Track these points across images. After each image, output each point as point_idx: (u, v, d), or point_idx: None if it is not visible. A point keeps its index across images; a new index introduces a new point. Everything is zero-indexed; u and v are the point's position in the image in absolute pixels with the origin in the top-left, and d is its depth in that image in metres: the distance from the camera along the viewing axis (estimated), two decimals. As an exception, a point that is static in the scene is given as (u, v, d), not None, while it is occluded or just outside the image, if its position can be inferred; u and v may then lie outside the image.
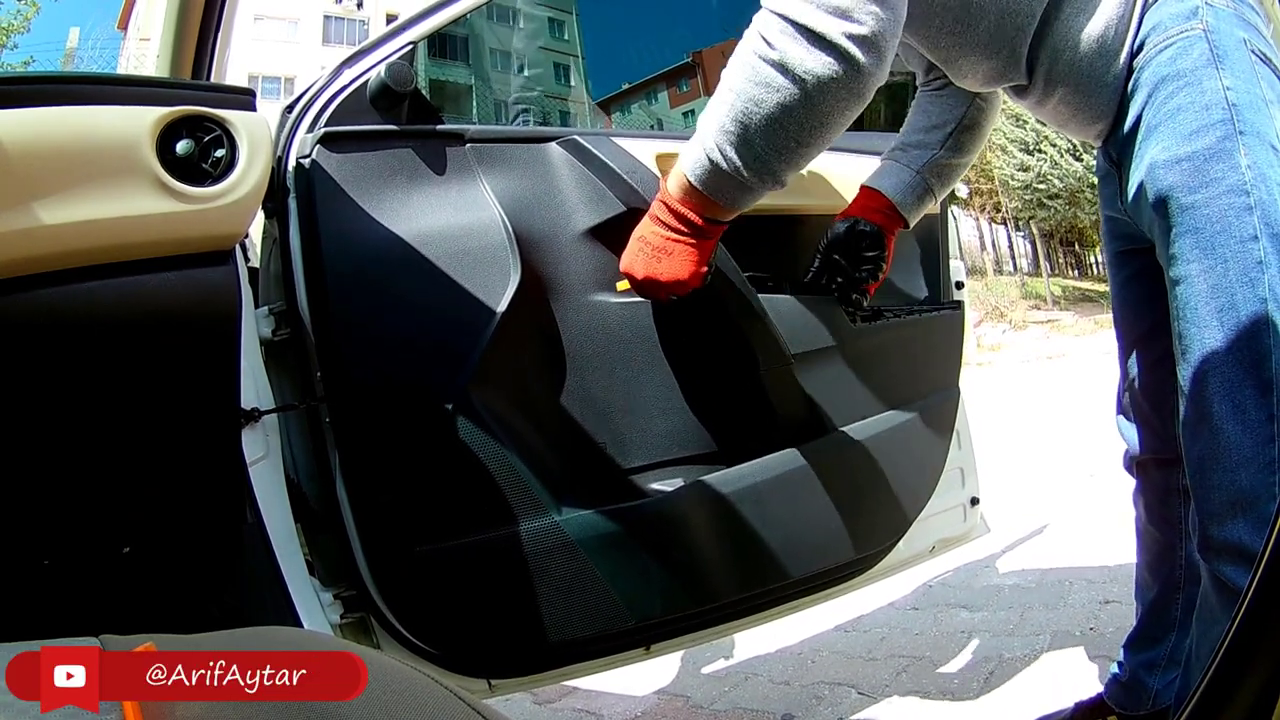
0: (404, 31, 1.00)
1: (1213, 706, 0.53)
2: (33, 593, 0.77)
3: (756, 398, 1.10)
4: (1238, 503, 0.78)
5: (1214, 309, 0.78)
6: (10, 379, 0.73)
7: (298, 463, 1.00)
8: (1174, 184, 0.80)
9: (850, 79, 0.75)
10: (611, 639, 1.04)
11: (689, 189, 0.86)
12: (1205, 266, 0.78)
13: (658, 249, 0.90)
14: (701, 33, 1.57)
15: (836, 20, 0.74)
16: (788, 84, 0.75)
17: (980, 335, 13.89)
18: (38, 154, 0.71)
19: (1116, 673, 1.17)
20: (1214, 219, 0.78)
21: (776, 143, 0.79)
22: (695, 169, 0.84)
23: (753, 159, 0.80)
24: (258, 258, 1.06)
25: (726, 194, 0.84)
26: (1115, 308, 1.09)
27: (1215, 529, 0.80)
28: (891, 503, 1.24)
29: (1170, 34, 0.81)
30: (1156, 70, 0.82)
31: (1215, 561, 0.81)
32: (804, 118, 0.77)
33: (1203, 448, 0.81)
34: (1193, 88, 0.79)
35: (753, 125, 0.78)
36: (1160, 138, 0.81)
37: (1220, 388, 0.78)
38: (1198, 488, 0.83)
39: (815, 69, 0.75)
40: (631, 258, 0.93)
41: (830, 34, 0.74)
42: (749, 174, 0.81)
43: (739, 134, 0.79)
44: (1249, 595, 0.53)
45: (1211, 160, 0.78)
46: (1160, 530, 1.10)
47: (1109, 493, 2.54)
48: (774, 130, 0.78)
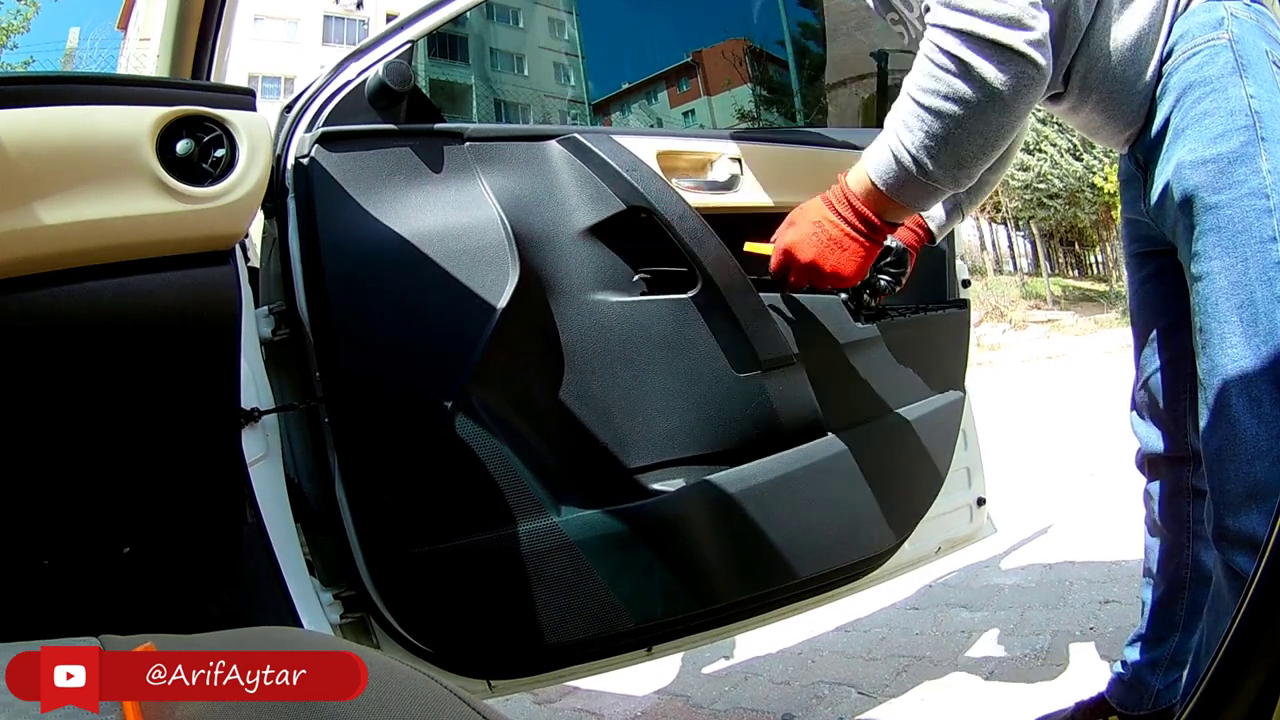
0: (402, 30, 1.00)
1: (1220, 695, 0.53)
2: (33, 593, 0.77)
3: (758, 398, 1.10)
4: (1253, 494, 0.81)
5: (1233, 305, 0.82)
6: (10, 379, 0.73)
7: (298, 463, 1.00)
8: (1199, 184, 0.83)
9: (1038, 81, 0.80)
10: (612, 640, 1.04)
11: (873, 191, 0.89)
12: (1226, 264, 0.82)
13: (834, 240, 0.93)
14: (702, 33, 1.57)
15: (1015, 31, 0.77)
16: (984, 97, 0.79)
17: (980, 335, 13.88)
18: (38, 154, 0.70)
19: (1119, 672, 1.17)
20: (1236, 219, 0.81)
21: (975, 149, 0.83)
22: (885, 175, 0.87)
23: (953, 166, 0.84)
24: (258, 258, 1.06)
25: (914, 198, 0.88)
26: (1132, 308, 1.12)
27: (1230, 519, 0.83)
28: (897, 503, 1.23)
29: (1197, 42, 0.85)
30: (1184, 76, 0.86)
31: (1230, 552, 0.84)
32: (1000, 123, 0.81)
33: (1220, 440, 0.84)
34: (1219, 94, 0.83)
35: (953, 138, 0.81)
36: (1187, 140, 0.85)
37: (1238, 382, 0.82)
38: (1214, 479, 0.85)
39: (1008, 79, 0.78)
40: (802, 239, 0.95)
41: (1015, 45, 0.77)
42: (946, 181, 0.85)
43: (938, 146, 0.82)
44: (1253, 585, 0.53)
45: (1235, 163, 0.82)
46: (1169, 529, 1.10)
47: (1109, 492, 2.54)
48: (974, 139, 0.82)
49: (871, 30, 1.59)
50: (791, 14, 1.63)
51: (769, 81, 1.65)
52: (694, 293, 1.07)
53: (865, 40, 1.58)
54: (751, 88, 1.63)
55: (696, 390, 1.08)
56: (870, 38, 1.57)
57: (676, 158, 1.13)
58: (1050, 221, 18.20)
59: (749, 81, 1.62)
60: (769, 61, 1.64)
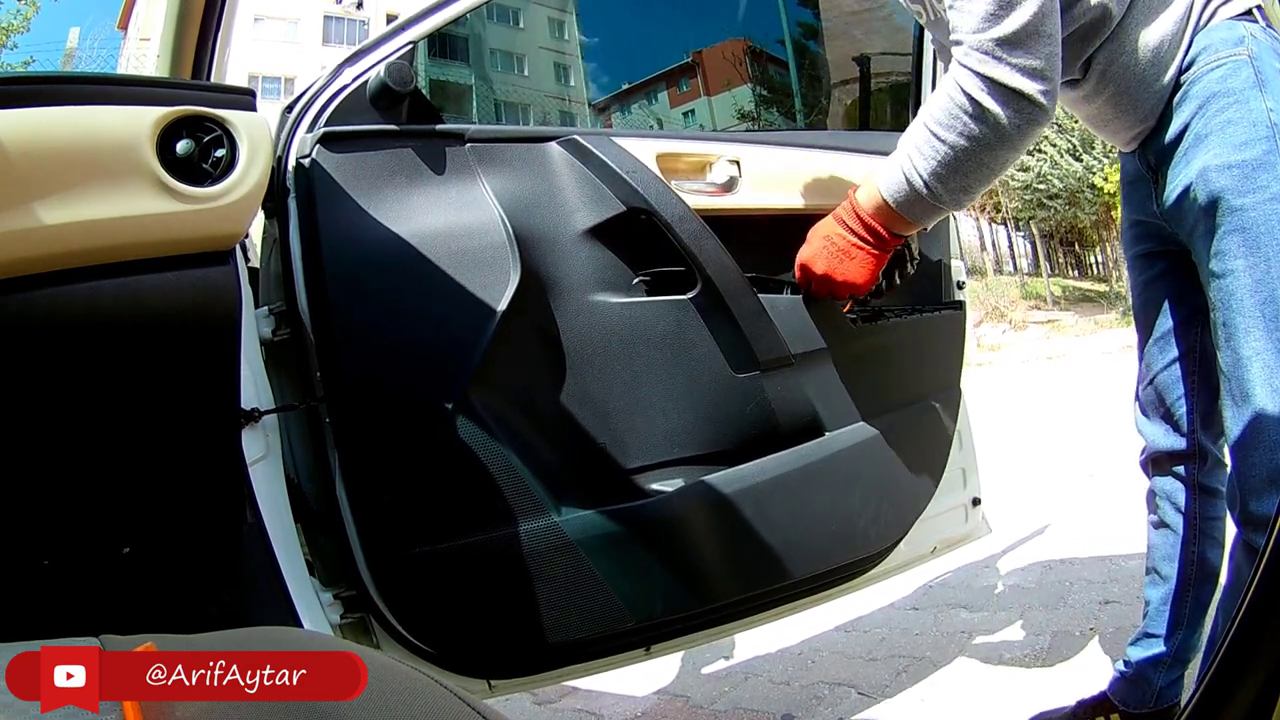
0: (404, 31, 1.00)
1: (1222, 692, 0.54)
2: (33, 593, 0.77)
3: (757, 398, 1.10)
4: (1276, 479, 0.87)
5: (1257, 301, 0.87)
6: (10, 379, 0.73)
7: (298, 463, 1.00)
8: (1225, 187, 0.89)
9: (1044, 123, 0.89)
10: (611, 639, 1.04)
11: (883, 206, 0.97)
12: (1250, 263, 0.87)
13: (843, 251, 1.01)
14: (701, 32, 1.57)
15: (1035, 82, 0.85)
16: (995, 137, 0.88)
17: (980, 335, 13.89)
18: (38, 154, 0.70)
19: (1122, 669, 1.18)
20: (1259, 221, 0.87)
21: (980, 178, 0.92)
22: (896, 194, 0.95)
23: (959, 191, 0.93)
24: (258, 258, 1.06)
25: (920, 215, 0.97)
26: (1137, 307, 1.14)
27: (1254, 504, 0.89)
28: (893, 503, 1.24)
29: (1220, 55, 0.91)
30: (1207, 86, 0.91)
31: (1254, 534, 0.91)
32: (1006, 158, 0.91)
33: (1244, 429, 0.89)
34: (1241, 105, 0.89)
35: (961, 168, 0.91)
36: (1212, 145, 0.90)
37: (1261, 373, 0.87)
38: (1239, 465, 0.91)
39: (1020, 123, 0.87)
40: (814, 253, 1.04)
41: (1033, 95, 0.86)
42: (950, 203, 0.94)
43: (948, 174, 0.91)
44: (1254, 585, 0.53)
45: (1259, 170, 0.87)
46: (1174, 526, 1.11)
47: (1109, 492, 2.54)
48: (981, 169, 0.91)
49: (872, 30, 1.59)
50: (791, 14, 1.63)
51: (769, 81, 1.65)
52: (693, 294, 1.07)
53: (865, 41, 1.58)
54: (751, 88, 1.63)
55: (696, 391, 1.08)
56: (870, 38, 1.57)
57: (676, 160, 1.13)
58: (1050, 222, 18.20)
59: (749, 82, 1.63)
60: (769, 62, 1.64)
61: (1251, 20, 0.92)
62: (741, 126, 1.59)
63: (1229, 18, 0.92)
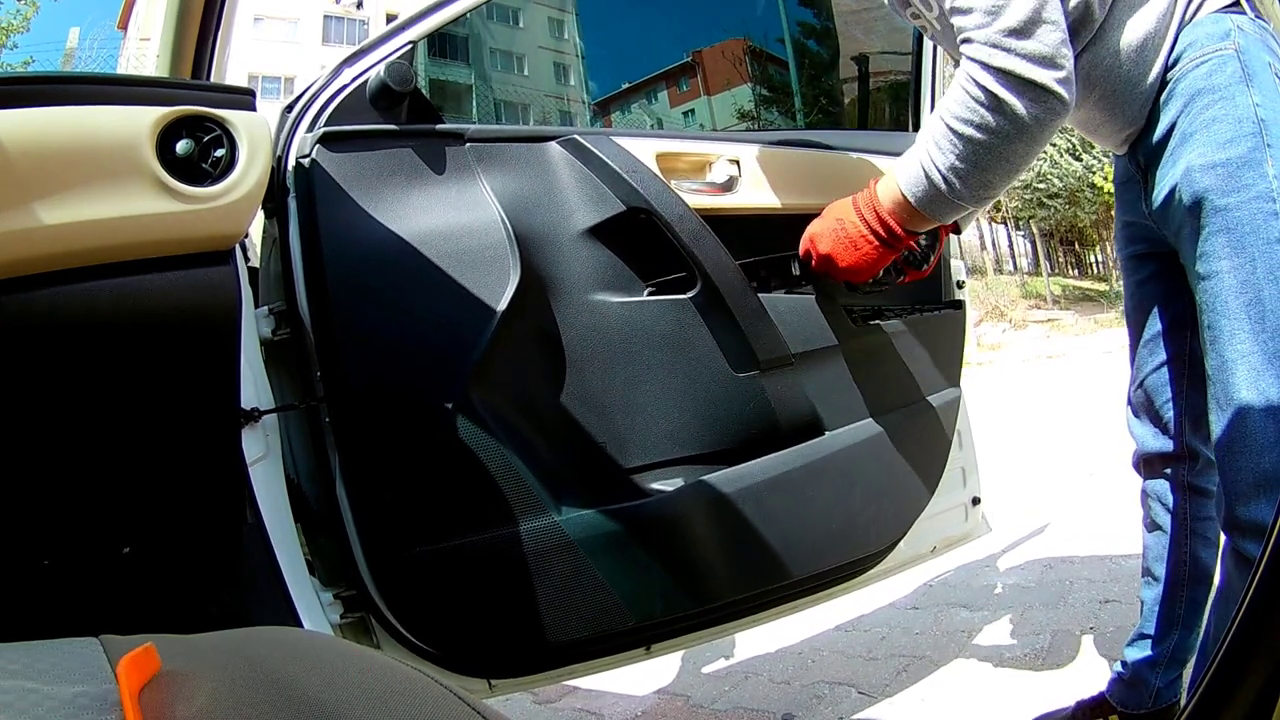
0: (404, 31, 1.00)
1: (1222, 693, 0.53)
2: (33, 593, 0.77)
3: (757, 398, 1.10)
4: (1262, 484, 0.85)
5: (1242, 303, 0.85)
6: (10, 379, 0.73)
7: (298, 463, 1.00)
8: (1209, 186, 0.87)
9: (1064, 114, 0.86)
10: (611, 639, 1.04)
11: (902, 203, 0.95)
12: (1235, 264, 0.86)
13: (852, 240, 1.00)
14: (701, 32, 1.57)
15: (1047, 70, 0.83)
16: (1014, 129, 0.85)
17: (980, 335, 13.88)
18: (38, 154, 0.70)
19: (1120, 671, 1.18)
20: (1244, 221, 0.85)
21: (1001, 173, 0.89)
22: (916, 189, 0.93)
23: (979, 187, 0.90)
24: (258, 258, 1.06)
25: (939, 212, 0.95)
26: (1128, 309, 1.13)
27: (1241, 509, 0.87)
28: (893, 503, 1.24)
29: (1205, 51, 0.89)
30: (1192, 83, 0.89)
31: (1241, 540, 0.88)
32: (1026, 151, 0.88)
33: (1230, 433, 0.87)
34: (1227, 101, 0.87)
35: (981, 163, 0.88)
36: (1196, 144, 0.88)
37: (1247, 376, 0.85)
38: (1225, 470, 0.89)
39: (1038, 114, 0.84)
40: (823, 232, 1.03)
41: (1047, 83, 0.83)
42: (970, 200, 0.92)
43: (967, 169, 0.89)
44: (1254, 585, 0.53)
45: (1243, 168, 0.85)
46: (1167, 527, 1.11)
47: (1109, 492, 2.54)
48: (1001, 164, 0.88)
49: (871, 30, 1.59)
50: (791, 13, 1.63)
51: (769, 81, 1.65)
52: (693, 293, 1.07)
53: (865, 40, 1.58)
54: (751, 87, 1.63)
55: (695, 390, 1.08)
56: (870, 38, 1.57)
57: (676, 159, 1.13)
58: (1050, 221, 18.21)
59: (749, 81, 1.63)
60: (769, 61, 1.64)
61: (1239, 12, 0.90)
62: (741, 126, 1.59)
63: (1215, 10, 0.90)
